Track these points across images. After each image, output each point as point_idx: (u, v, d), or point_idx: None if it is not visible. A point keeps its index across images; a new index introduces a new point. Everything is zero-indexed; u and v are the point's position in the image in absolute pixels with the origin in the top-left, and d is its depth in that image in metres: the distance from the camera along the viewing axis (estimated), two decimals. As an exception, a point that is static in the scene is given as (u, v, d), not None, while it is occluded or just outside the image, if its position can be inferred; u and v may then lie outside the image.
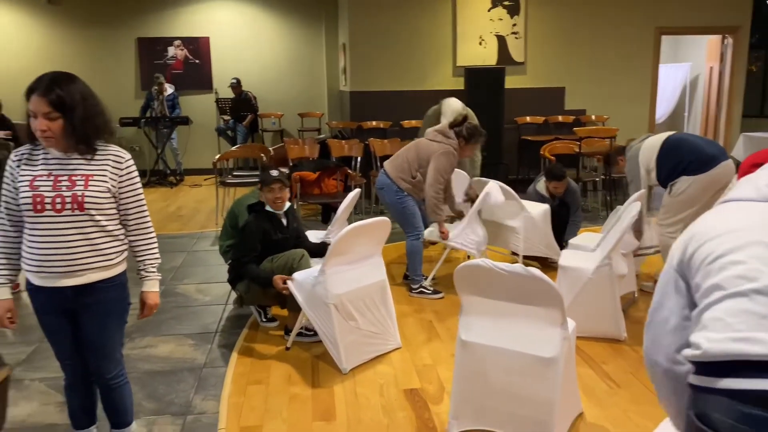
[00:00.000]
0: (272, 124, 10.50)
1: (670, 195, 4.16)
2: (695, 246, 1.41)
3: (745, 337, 1.24)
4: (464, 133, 4.33)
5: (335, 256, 3.27)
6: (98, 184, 2.10)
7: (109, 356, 2.29)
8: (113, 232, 2.18)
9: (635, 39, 8.78)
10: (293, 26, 10.37)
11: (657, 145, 4.17)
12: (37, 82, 2.03)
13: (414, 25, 8.39)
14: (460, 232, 4.46)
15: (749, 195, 1.47)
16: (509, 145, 8.40)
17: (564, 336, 2.50)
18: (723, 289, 1.31)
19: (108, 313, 2.24)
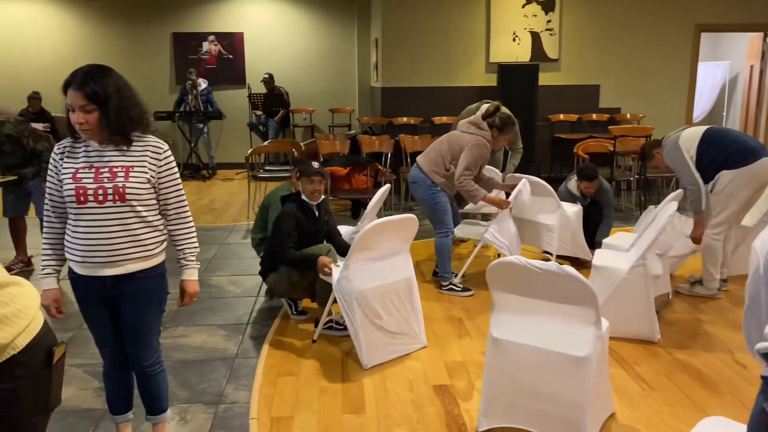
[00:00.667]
0: (303, 119, 10.57)
1: (712, 193, 4.07)
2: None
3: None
4: (497, 123, 4.29)
5: (359, 252, 3.27)
6: (138, 175, 2.14)
7: (146, 344, 2.34)
8: (153, 222, 2.22)
9: (673, 36, 8.59)
10: (326, 22, 10.42)
11: (698, 134, 4.10)
12: (72, 77, 2.07)
13: (447, 21, 8.34)
14: (490, 227, 4.43)
15: None
16: (542, 143, 8.31)
17: (598, 335, 2.47)
18: None
19: (147, 303, 2.28)
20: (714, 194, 4.06)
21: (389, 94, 8.48)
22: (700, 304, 4.20)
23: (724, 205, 4.05)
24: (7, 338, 1.39)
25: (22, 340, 1.42)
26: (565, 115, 8.53)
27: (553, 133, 8.45)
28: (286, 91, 10.00)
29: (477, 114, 4.46)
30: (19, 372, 1.42)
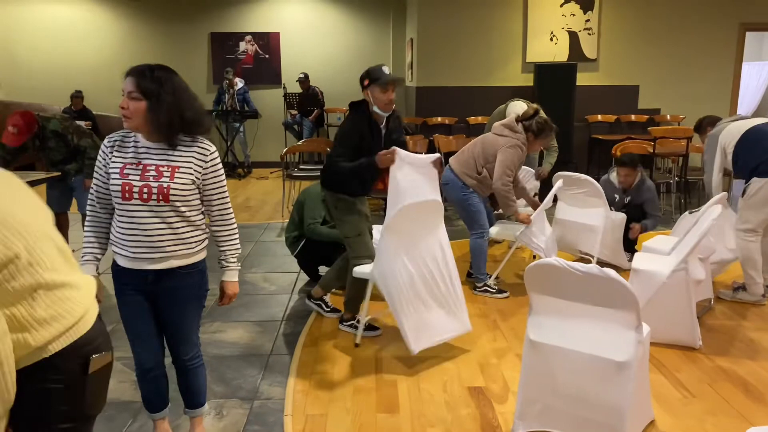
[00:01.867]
0: (338, 119, 10.60)
1: (744, 198, 4.05)
2: None
3: None
4: (534, 127, 4.22)
5: (391, 235, 3.25)
6: (184, 176, 2.16)
7: (186, 339, 2.37)
8: (196, 222, 2.24)
9: (716, 35, 8.38)
10: (361, 22, 10.44)
11: (740, 131, 4.08)
12: (136, 66, 2.14)
13: (484, 20, 8.28)
14: (525, 229, 4.38)
15: None
16: (579, 144, 8.20)
17: (638, 340, 2.42)
18: None
19: (187, 298, 2.31)
20: (745, 199, 4.04)
21: (424, 94, 8.46)
22: (744, 310, 4.09)
23: (755, 210, 4.03)
24: (41, 341, 1.36)
25: (58, 344, 1.39)
26: (603, 116, 8.39)
27: (590, 134, 8.32)
28: (321, 91, 10.05)
29: (511, 116, 4.41)
30: (52, 375, 1.40)
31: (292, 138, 10.01)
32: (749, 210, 4.04)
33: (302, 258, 4.46)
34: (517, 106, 5.67)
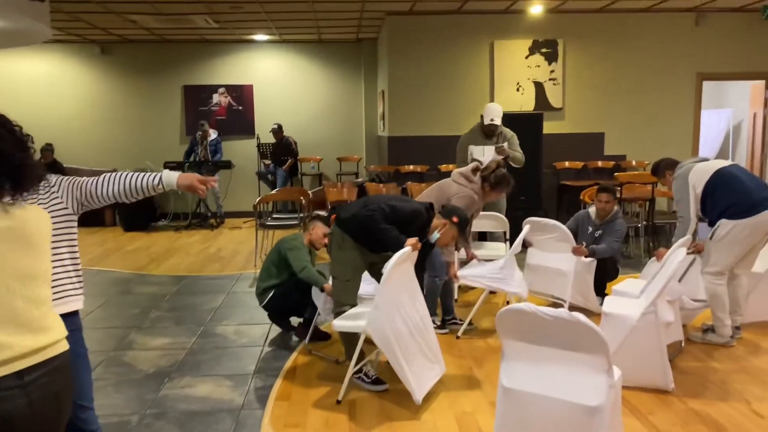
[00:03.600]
0: (311, 168, 10.69)
1: (712, 240, 4.08)
2: None
3: None
4: (491, 179, 4.33)
5: (387, 286, 3.26)
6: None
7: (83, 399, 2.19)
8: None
9: (676, 85, 8.73)
10: (334, 74, 10.65)
11: (709, 172, 4.10)
12: None
13: (452, 72, 8.52)
14: (491, 273, 4.40)
15: None
16: (548, 191, 8.35)
17: (610, 384, 2.42)
18: None
19: (77, 355, 2.13)
20: (714, 242, 4.08)
21: (396, 143, 8.59)
22: (714, 352, 4.13)
23: (723, 253, 4.06)
24: None
25: None
26: (571, 163, 8.60)
27: (559, 180, 8.49)
28: (294, 141, 10.15)
29: (471, 165, 4.51)
30: None
31: (266, 188, 10.03)
32: (717, 253, 4.08)
33: (271, 308, 4.41)
34: (494, 107, 5.91)
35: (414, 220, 3.50)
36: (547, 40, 8.48)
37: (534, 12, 8.34)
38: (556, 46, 8.48)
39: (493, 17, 8.40)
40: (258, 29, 9.41)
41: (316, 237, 4.35)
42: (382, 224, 3.42)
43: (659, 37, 8.60)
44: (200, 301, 5.49)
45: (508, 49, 8.47)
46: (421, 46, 8.43)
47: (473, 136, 5.94)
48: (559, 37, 8.49)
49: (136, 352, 4.28)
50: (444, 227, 3.42)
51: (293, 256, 4.18)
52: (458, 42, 8.47)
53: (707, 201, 4.10)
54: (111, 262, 7.16)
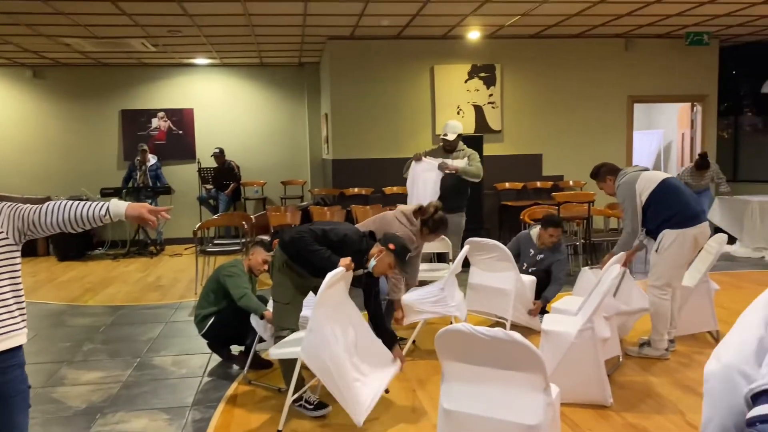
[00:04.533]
0: (255, 192, 10.55)
1: (657, 252, 4.19)
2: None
3: None
4: (429, 224, 4.36)
5: (319, 309, 3.20)
6: None
7: None
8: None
9: (609, 107, 9.07)
10: (276, 97, 10.60)
11: (655, 182, 4.18)
12: None
13: (394, 95, 8.61)
14: (432, 295, 4.41)
15: None
16: (490, 211, 8.49)
17: (547, 402, 2.44)
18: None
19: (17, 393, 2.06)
20: (660, 253, 4.17)
21: (340, 166, 8.60)
22: (650, 365, 4.24)
23: (669, 264, 4.16)
24: None
25: None
26: (511, 184, 8.78)
27: (500, 200, 8.65)
28: (237, 165, 10.02)
29: (414, 205, 4.55)
30: None
31: (208, 213, 9.83)
32: (664, 265, 4.16)
33: (211, 337, 4.29)
34: (455, 124, 5.93)
35: (347, 245, 3.46)
36: (485, 64, 8.69)
37: (472, 37, 8.55)
38: (494, 70, 8.70)
39: (433, 42, 8.56)
40: (198, 53, 9.30)
41: (255, 263, 4.27)
42: (312, 246, 3.38)
43: (592, 62, 8.94)
44: (137, 332, 5.29)
45: (448, 73, 8.64)
46: (362, 70, 8.50)
47: (434, 153, 6.03)
48: (497, 61, 8.72)
49: (66, 387, 4.08)
50: (380, 254, 3.40)
51: (232, 284, 4.08)
52: (399, 66, 8.58)
53: (650, 210, 4.17)
54: (43, 294, 6.84)
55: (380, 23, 7.59)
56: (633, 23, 7.99)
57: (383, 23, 7.60)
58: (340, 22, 7.52)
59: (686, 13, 7.42)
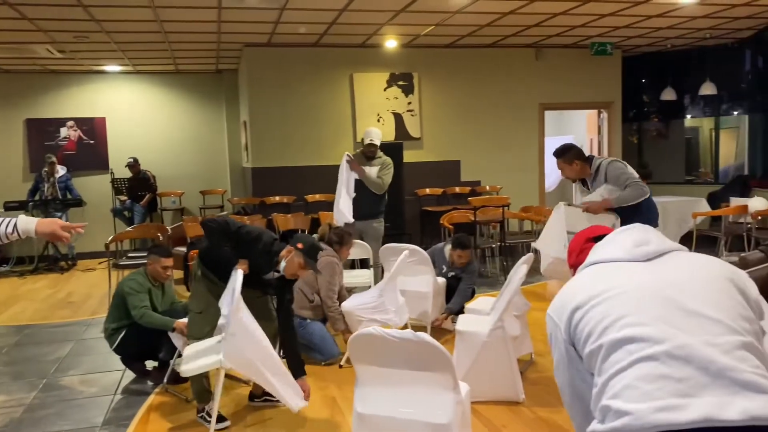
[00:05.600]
0: (172, 203, 10.27)
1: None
2: (582, 313, 1.41)
3: (668, 406, 1.20)
4: (335, 239, 4.61)
5: (235, 314, 3.15)
6: None
7: None
8: None
9: (522, 114, 9.42)
10: (193, 104, 10.37)
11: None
12: None
13: (314, 103, 8.61)
14: (374, 304, 4.47)
15: (618, 256, 1.50)
16: (411, 217, 8.62)
17: (457, 400, 2.52)
18: (629, 353, 1.28)
19: None
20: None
21: (260, 174, 8.50)
22: (560, 360, 4.42)
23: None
24: None
25: None
26: (431, 189, 8.96)
27: (420, 206, 8.81)
28: (152, 175, 9.72)
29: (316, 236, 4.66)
30: None
31: (123, 225, 9.47)
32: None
33: (123, 352, 4.15)
34: (375, 131, 6.05)
35: (257, 243, 3.40)
36: (403, 73, 8.84)
37: (389, 46, 8.68)
38: (412, 78, 8.87)
39: (351, 50, 8.63)
40: (108, 60, 8.97)
41: (154, 271, 4.17)
42: (218, 239, 3.32)
43: (504, 71, 9.26)
44: (44, 352, 5.03)
45: (367, 81, 8.73)
46: (281, 77, 8.45)
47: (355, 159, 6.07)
48: (414, 70, 8.88)
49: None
50: (290, 255, 3.39)
51: (130, 303, 3.96)
52: (318, 73, 8.59)
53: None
54: (-62, 316, 6.39)
55: (297, 31, 7.58)
56: (541, 34, 8.35)
57: (300, 31, 7.60)
58: (257, 29, 7.46)
59: (590, 24, 7.82)
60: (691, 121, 10.38)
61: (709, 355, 1.24)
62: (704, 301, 1.34)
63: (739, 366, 1.23)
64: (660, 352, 1.25)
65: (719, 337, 1.27)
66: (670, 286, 1.38)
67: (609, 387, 1.29)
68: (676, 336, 1.27)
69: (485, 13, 7.04)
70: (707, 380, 1.21)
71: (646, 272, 1.44)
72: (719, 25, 8.07)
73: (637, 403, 1.22)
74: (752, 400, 1.19)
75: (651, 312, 1.33)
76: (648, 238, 1.52)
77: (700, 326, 1.29)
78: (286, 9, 6.52)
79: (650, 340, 1.28)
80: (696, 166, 10.43)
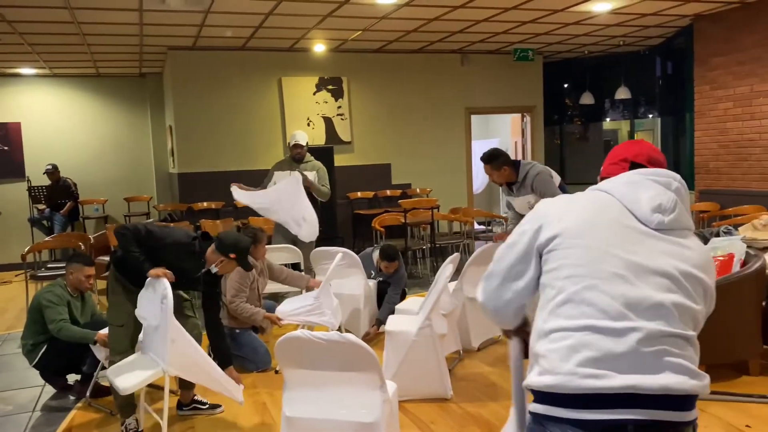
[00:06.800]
0: (95, 210, 9.90)
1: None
2: (564, 241, 1.50)
3: (595, 374, 1.37)
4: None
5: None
6: None
7: None
8: None
9: (449, 118, 9.63)
10: (116, 109, 10.03)
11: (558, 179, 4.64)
12: None
13: (243, 107, 8.51)
14: (310, 307, 4.45)
15: (634, 208, 1.52)
16: (343, 220, 8.65)
17: (384, 399, 2.57)
18: (584, 316, 1.42)
19: None
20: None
21: (187, 180, 8.33)
22: (487, 357, 4.56)
23: None
24: None
25: None
26: (363, 193, 9.02)
27: (353, 209, 8.85)
28: (73, 182, 9.32)
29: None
30: None
31: (42, 235, 9.04)
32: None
33: (43, 367, 3.98)
34: (300, 134, 6.08)
35: (175, 246, 3.35)
36: (332, 77, 8.87)
37: (318, 50, 8.69)
38: (341, 83, 8.91)
39: (279, 54, 8.59)
40: (22, 62, 8.56)
41: (75, 281, 4.02)
42: (130, 246, 3.24)
43: (432, 76, 9.44)
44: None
45: (296, 85, 8.71)
46: (207, 81, 8.31)
47: (282, 164, 6.04)
48: (343, 74, 8.93)
49: None
50: (221, 263, 3.36)
51: (47, 316, 3.81)
52: (246, 77, 8.50)
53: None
54: None
55: (223, 34, 7.48)
56: (466, 40, 8.57)
57: (227, 34, 7.50)
58: (181, 32, 7.31)
59: (511, 31, 8.09)
60: (610, 124, 10.90)
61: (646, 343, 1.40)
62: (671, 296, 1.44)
63: (670, 350, 1.40)
64: (607, 328, 1.39)
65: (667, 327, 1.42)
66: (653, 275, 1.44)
67: (553, 333, 1.44)
68: (628, 320, 1.41)
69: (411, 19, 7.17)
70: (636, 361, 1.37)
71: (643, 248, 1.47)
72: (631, 33, 8.52)
73: (572, 365, 1.39)
74: (670, 378, 1.38)
75: (619, 289, 1.43)
76: (671, 206, 1.51)
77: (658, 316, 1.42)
78: (210, 12, 6.43)
79: (606, 314, 1.41)
80: (615, 166, 10.93)
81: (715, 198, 7.62)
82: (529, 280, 1.56)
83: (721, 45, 7.55)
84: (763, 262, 3.86)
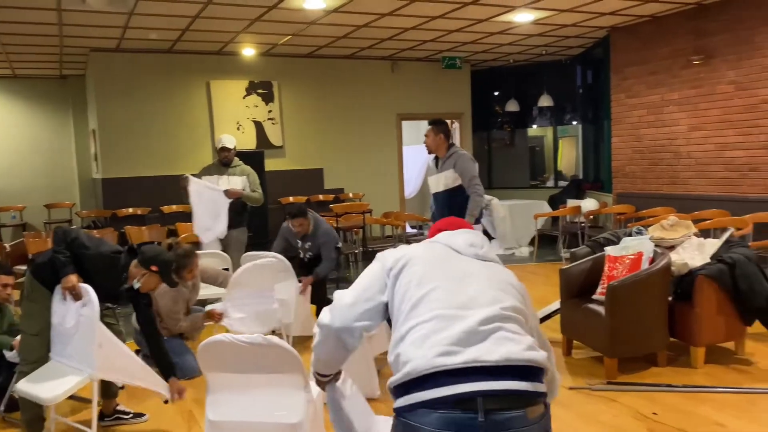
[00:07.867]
0: (12, 218, 9.45)
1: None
2: (411, 264, 1.77)
3: (443, 351, 1.55)
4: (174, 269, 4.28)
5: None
6: None
7: None
8: None
9: (381, 124, 9.75)
10: (35, 111, 9.63)
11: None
12: None
13: (169, 111, 8.34)
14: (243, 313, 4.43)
15: (453, 244, 1.88)
16: (275, 225, 8.54)
17: (308, 399, 2.60)
18: (430, 310, 1.65)
19: None
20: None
21: (111, 185, 8.09)
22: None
23: None
24: None
25: None
26: (294, 198, 8.99)
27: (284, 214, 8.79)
28: (-13, 189, 8.88)
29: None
30: None
31: (-48, 244, 8.56)
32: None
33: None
34: (227, 138, 5.96)
35: (98, 259, 3.27)
36: (263, 81, 8.83)
37: (247, 54, 8.62)
38: (272, 87, 8.87)
39: (207, 57, 8.47)
40: (-70, 61, 8.11)
41: None
42: (60, 246, 3.16)
43: (363, 82, 9.54)
44: None
45: (225, 89, 8.61)
46: (132, 84, 8.11)
47: (210, 168, 5.96)
48: (274, 78, 8.90)
49: None
50: (143, 276, 3.30)
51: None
52: (173, 80, 8.34)
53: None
54: None
55: (148, 36, 7.32)
56: (396, 47, 8.71)
57: (151, 36, 7.34)
58: (104, 34, 7.11)
59: (439, 39, 8.29)
60: (536, 131, 11.30)
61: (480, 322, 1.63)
62: (500, 293, 1.74)
63: (506, 326, 1.63)
64: (453, 315, 1.62)
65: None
66: (481, 278, 1.76)
67: (408, 333, 1.64)
68: (469, 309, 1.65)
69: (340, 25, 7.23)
70: (478, 337, 1.60)
71: (469, 264, 1.81)
72: (552, 43, 8.88)
73: (425, 350, 1.57)
74: (510, 347, 1.59)
75: (459, 286, 1.72)
76: (481, 243, 1.89)
77: (493, 302, 1.68)
78: (134, 14, 6.29)
79: (451, 305, 1.66)
80: (541, 171, 11.36)
81: (631, 200, 8.04)
82: (379, 303, 1.79)
83: (635, 55, 7.99)
84: (669, 259, 4.13)
